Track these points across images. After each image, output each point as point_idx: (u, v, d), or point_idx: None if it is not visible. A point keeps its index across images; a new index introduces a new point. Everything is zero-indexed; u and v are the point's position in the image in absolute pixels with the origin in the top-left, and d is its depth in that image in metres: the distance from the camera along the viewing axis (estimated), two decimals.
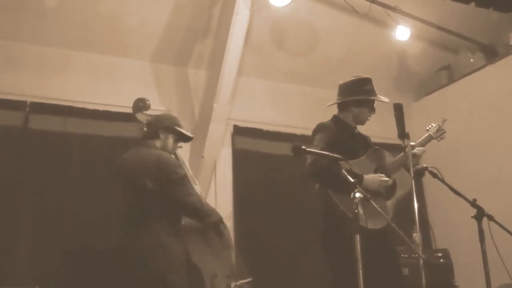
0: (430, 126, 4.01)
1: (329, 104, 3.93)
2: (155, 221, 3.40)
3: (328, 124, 3.78)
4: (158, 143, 3.67)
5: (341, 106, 3.88)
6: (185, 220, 3.56)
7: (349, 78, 3.89)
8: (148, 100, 3.90)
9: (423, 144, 3.92)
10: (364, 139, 3.93)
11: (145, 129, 3.80)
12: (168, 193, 3.41)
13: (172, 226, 3.44)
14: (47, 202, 5.03)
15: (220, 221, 3.64)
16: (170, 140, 3.74)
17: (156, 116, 3.85)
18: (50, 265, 4.82)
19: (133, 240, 3.43)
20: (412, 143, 3.62)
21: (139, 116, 3.88)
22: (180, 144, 3.86)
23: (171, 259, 3.31)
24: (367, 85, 3.83)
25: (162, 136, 3.69)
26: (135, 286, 3.38)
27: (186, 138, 3.89)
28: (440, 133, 3.98)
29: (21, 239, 4.84)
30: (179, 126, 3.79)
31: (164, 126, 3.71)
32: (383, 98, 3.79)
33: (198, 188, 3.83)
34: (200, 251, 3.47)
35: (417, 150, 3.75)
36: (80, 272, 4.80)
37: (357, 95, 3.80)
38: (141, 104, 3.89)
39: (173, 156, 3.73)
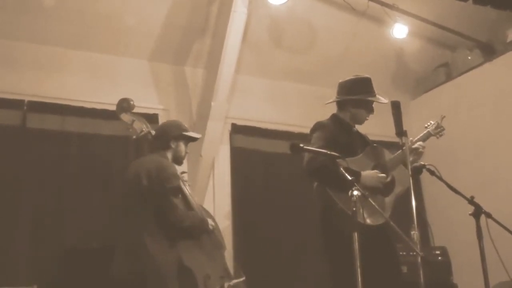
0: (428, 124, 4.02)
1: (327, 102, 3.93)
2: (145, 221, 3.42)
3: (326, 123, 3.78)
4: (169, 154, 3.72)
5: (340, 105, 3.89)
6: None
7: (349, 76, 3.90)
8: (132, 100, 3.88)
9: (422, 140, 3.93)
10: (363, 138, 3.93)
11: (135, 135, 3.82)
12: (157, 201, 3.43)
13: (162, 227, 3.44)
14: (46, 201, 5.03)
15: (207, 229, 3.66)
16: (182, 147, 3.79)
17: (162, 127, 3.89)
18: (49, 264, 4.83)
19: (120, 237, 3.47)
20: (411, 139, 3.64)
21: (124, 116, 3.87)
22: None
23: (154, 262, 3.32)
24: (366, 85, 3.83)
25: (173, 145, 3.73)
26: (115, 282, 3.41)
27: (194, 140, 3.94)
28: (439, 130, 4.00)
29: (20, 238, 4.84)
30: (186, 130, 3.83)
31: (173, 136, 3.74)
32: (381, 99, 3.78)
33: (189, 192, 3.81)
34: (192, 253, 3.46)
35: (418, 145, 3.76)
36: (79, 270, 4.79)
37: (355, 94, 3.80)
38: (125, 105, 3.88)
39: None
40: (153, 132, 3.89)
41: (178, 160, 3.78)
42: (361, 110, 3.82)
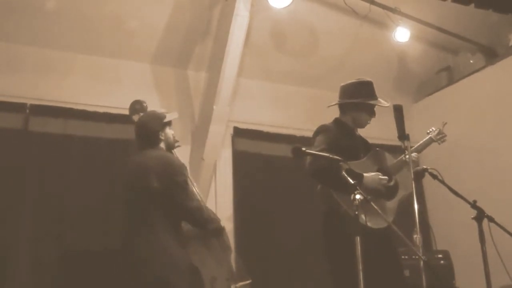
0: (430, 130, 4.03)
1: (329, 105, 3.94)
2: (157, 222, 3.38)
3: (329, 126, 3.79)
4: (162, 144, 3.69)
5: (341, 108, 3.90)
6: (185, 225, 3.56)
7: (350, 80, 3.90)
8: (145, 102, 3.90)
9: (424, 146, 3.96)
10: (365, 142, 3.94)
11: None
12: (171, 195, 3.40)
13: (174, 228, 3.43)
14: (47, 204, 5.02)
15: (220, 228, 3.65)
16: (168, 132, 3.76)
17: (143, 125, 3.73)
18: (51, 267, 4.83)
19: (134, 240, 3.43)
20: (412, 147, 3.64)
21: (136, 118, 3.88)
22: (178, 144, 3.88)
23: (172, 261, 3.30)
24: (367, 88, 3.84)
25: (162, 136, 3.70)
26: (136, 286, 3.38)
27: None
28: (440, 137, 4.02)
29: (22, 240, 4.83)
30: (164, 116, 3.75)
31: (158, 128, 3.69)
32: (382, 102, 3.79)
33: (196, 189, 3.83)
34: (199, 255, 3.47)
35: (412, 156, 3.75)
36: (80, 273, 4.81)
37: (355, 98, 3.81)
38: (137, 106, 3.89)
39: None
40: None
41: (171, 146, 3.76)
42: (362, 114, 3.83)
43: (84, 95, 5.49)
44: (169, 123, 3.78)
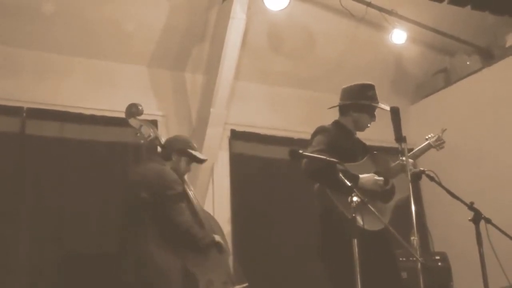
0: (429, 136, 4.03)
1: (330, 107, 3.94)
2: (147, 231, 3.43)
3: (328, 127, 3.79)
4: (169, 164, 3.72)
5: (342, 110, 3.90)
6: None
7: (350, 82, 3.91)
8: (141, 105, 3.91)
9: (422, 152, 3.96)
10: (363, 145, 3.94)
11: (143, 140, 3.82)
12: (161, 208, 3.44)
13: (164, 237, 3.45)
14: (45, 207, 5.01)
15: (210, 243, 3.65)
16: (183, 163, 3.83)
17: (170, 138, 3.92)
18: (48, 270, 4.82)
19: (124, 247, 3.48)
20: (411, 149, 3.63)
21: (132, 121, 3.89)
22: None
23: (160, 269, 3.33)
24: (369, 91, 3.85)
25: (174, 158, 3.75)
26: None
27: (198, 161, 3.93)
28: (439, 143, 4.02)
29: (19, 244, 4.82)
30: (193, 148, 3.85)
31: (176, 149, 3.76)
32: (384, 106, 3.79)
33: (193, 194, 3.83)
34: (196, 258, 3.48)
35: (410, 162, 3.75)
36: (77, 276, 4.80)
37: (358, 99, 3.82)
38: (133, 110, 3.91)
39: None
40: (161, 138, 3.92)
41: (177, 174, 3.78)
42: (363, 115, 3.83)
43: (81, 98, 5.48)
44: (191, 156, 3.84)
